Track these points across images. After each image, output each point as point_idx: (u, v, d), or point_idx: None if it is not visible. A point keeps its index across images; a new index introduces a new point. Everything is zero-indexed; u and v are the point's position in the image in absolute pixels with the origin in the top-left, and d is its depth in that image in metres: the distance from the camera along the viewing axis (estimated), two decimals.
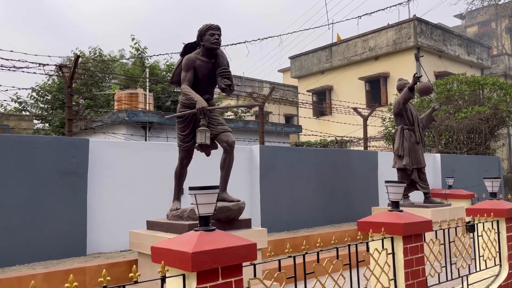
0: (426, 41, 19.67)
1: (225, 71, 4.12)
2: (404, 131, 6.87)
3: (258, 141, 6.82)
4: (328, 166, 7.60)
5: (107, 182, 5.06)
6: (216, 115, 4.29)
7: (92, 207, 4.93)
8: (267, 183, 6.60)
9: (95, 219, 4.93)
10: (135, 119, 9.63)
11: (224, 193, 4.24)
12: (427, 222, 3.90)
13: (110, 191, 5.09)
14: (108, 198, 5.08)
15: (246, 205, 6.59)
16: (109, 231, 5.00)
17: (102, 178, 5.03)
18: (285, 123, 15.31)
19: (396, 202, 3.99)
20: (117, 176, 5.18)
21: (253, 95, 6.89)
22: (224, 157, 4.21)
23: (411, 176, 6.87)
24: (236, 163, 6.60)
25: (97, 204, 4.97)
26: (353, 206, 7.86)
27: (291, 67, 25.12)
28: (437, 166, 10.03)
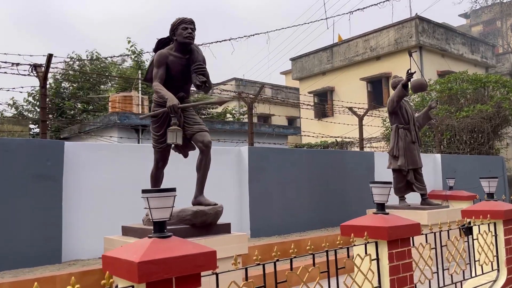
0: (428, 40, 19.38)
1: (200, 67, 3.90)
2: (399, 130, 6.61)
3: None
4: (322, 167, 7.36)
5: (83, 186, 4.86)
6: (192, 114, 4.07)
7: (68, 212, 4.73)
8: (256, 186, 6.37)
9: (71, 225, 4.73)
10: (127, 122, 9.45)
11: (201, 197, 4.02)
12: (414, 226, 3.65)
13: (87, 195, 4.88)
14: (85, 202, 4.87)
15: (235, 209, 6.40)
16: (86, 237, 4.79)
17: (78, 182, 4.83)
18: (287, 125, 15.06)
19: (381, 204, 3.74)
20: (95, 180, 4.98)
21: (242, 94, 6.67)
22: (200, 158, 3.99)
23: (407, 177, 6.60)
24: (224, 165, 6.40)
25: (73, 209, 4.76)
26: (348, 208, 7.59)
27: (292, 68, 24.89)
28: (438, 166, 9.74)
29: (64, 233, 4.66)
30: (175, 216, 3.81)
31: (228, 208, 6.28)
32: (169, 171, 4.78)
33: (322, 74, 23.18)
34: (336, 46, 22.44)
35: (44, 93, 4.64)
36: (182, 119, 4.01)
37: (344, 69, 22.03)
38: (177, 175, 5.13)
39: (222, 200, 6.27)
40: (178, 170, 4.89)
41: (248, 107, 6.53)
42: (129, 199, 5.13)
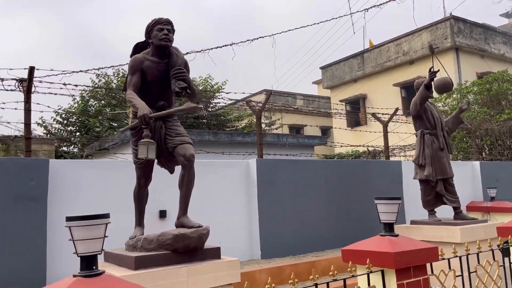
0: (465, 41, 18.29)
1: (179, 71, 3.48)
2: (425, 136, 5.92)
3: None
4: (342, 179, 6.74)
5: (70, 207, 4.52)
6: (175, 124, 3.65)
7: (53, 235, 4.40)
8: (266, 201, 5.85)
9: (56, 248, 4.39)
10: None
11: (184, 218, 3.56)
12: (431, 250, 3.02)
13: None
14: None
15: (244, 227, 5.89)
16: (72, 261, 4.43)
17: (64, 202, 4.51)
18: (313, 135, 14.46)
19: (389, 224, 3.15)
20: (83, 200, 4.64)
21: (250, 103, 6.22)
22: (182, 173, 3.54)
23: (435, 188, 5.88)
24: (232, 180, 5.94)
25: (58, 231, 4.43)
26: (373, 224, 6.90)
27: (323, 77, 24.28)
28: (477, 175, 8.85)
29: (48, 257, 4.33)
30: (154, 241, 3.37)
31: (237, 227, 5.81)
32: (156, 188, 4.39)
33: (354, 82, 22.42)
34: (367, 52, 21.66)
35: (28, 109, 4.38)
36: (163, 130, 3.60)
37: (376, 75, 21.18)
38: (165, 192, 4.72)
39: (230, 218, 5.82)
40: (167, 187, 4.47)
41: (256, 116, 6.06)
42: (121, 218, 4.75)
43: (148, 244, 3.39)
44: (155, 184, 5.19)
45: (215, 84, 14.94)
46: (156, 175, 5.21)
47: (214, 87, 14.74)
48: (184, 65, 3.59)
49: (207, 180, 5.62)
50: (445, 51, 18.21)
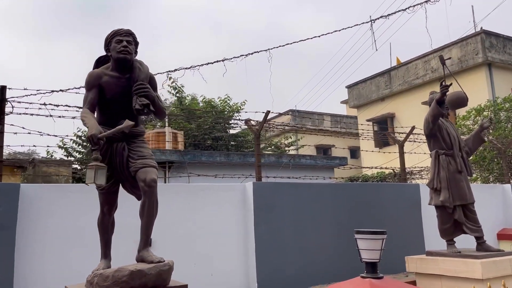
0: (498, 56, 17.37)
1: (141, 87, 3.15)
2: (440, 157, 5.34)
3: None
4: (352, 204, 6.19)
5: (41, 236, 4.22)
6: (140, 145, 3.31)
7: (21, 266, 4.09)
8: (264, 229, 5.38)
9: (24, 282, 4.08)
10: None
11: (144, 251, 3.16)
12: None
13: (45, 246, 4.23)
14: (42, 255, 4.22)
15: (239, 258, 5.38)
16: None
17: (35, 230, 4.21)
18: (333, 156, 13.88)
19: (371, 264, 2.64)
20: (55, 228, 4.33)
21: (249, 122, 5.85)
22: (143, 200, 3.17)
23: (453, 215, 5.25)
24: (226, 206, 5.50)
25: (27, 263, 4.13)
26: (388, 254, 6.26)
27: (349, 96, 23.69)
28: (509, 199, 8.04)
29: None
30: (110, 277, 2.99)
31: (232, 257, 5.34)
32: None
33: (381, 100, 21.71)
34: (394, 70, 20.98)
35: (1, 130, 4.17)
36: (126, 152, 3.26)
37: (404, 93, 20.42)
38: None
39: (224, 247, 5.32)
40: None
41: (254, 136, 5.66)
42: (96, 248, 4.40)
43: (103, 281, 3.01)
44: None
45: (233, 105, 14.69)
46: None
47: (232, 107, 14.49)
48: (147, 79, 3.26)
49: (198, 206, 5.23)
50: (477, 67, 17.34)
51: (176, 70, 4.90)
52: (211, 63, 5.05)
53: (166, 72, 4.78)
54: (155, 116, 3.43)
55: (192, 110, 12.97)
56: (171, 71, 4.89)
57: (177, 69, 4.89)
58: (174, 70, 4.90)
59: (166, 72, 4.78)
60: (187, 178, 9.41)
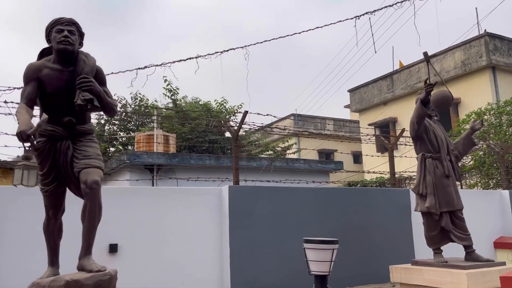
0: (502, 59, 16.98)
1: (84, 81, 2.91)
2: (426, 161, 5.05)
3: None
4: (337, 210, 5.91)
5: (7, 239, 4.01)
6: (86, 144, 3.06)
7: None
8: (240, 235, 5.12)
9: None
10: (138, 161, 8.75)
11: (85, 259, 2.90)
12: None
13: (11, 250, 4.01)
14: (9, 259, 4.00)
15: (214, 266, 5.09)
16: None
17: (1, 234, 4.00)
18: (327, 160, 13.58)
19: (321, 277, 2.37)
20: (12, 232, 4.11)
21: (228, 123, 5.60)
22: (84, 204, 2.92)
23: (440, 222, 4.95)
24: (202, 210, 5.23)
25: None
26: (374, 262, 5.99)
27: (351, 100, 23.36)
28: (506, 206, 7.70)
29: None
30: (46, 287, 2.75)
31: (205, 265, 5.08)
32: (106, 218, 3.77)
33: (383, 104, 21.35)
34: (396, 74, 20.63)
35: None
36: (70, 152, 3.02)
37: (406, 97, 20.03)
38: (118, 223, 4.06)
39: (197, 254, 5.04)
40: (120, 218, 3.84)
41: (232, 138, 5.41)
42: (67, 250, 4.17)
43: None
44: (106, 213, 4.61)
45: (229, 108, 14.47)
46: (108, 203, 4.64)
47: (228, 110, 14.27)
48: (93, 73, 3.03)
49: (170, 210, 4.99)
50: (481, 70, 16.96)
51: (145, 67, 4.68)
52: (183, 60, 4.81)
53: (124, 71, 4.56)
54: (104, 113, 3.20)
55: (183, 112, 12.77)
56: (140, 68, 4.67)
57: (147, 66, 4.67)
58: (144, 67, 4.68)
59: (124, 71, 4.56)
60: (176, 181, 9.19)
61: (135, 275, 4.59)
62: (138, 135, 11.18)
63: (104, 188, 4.85)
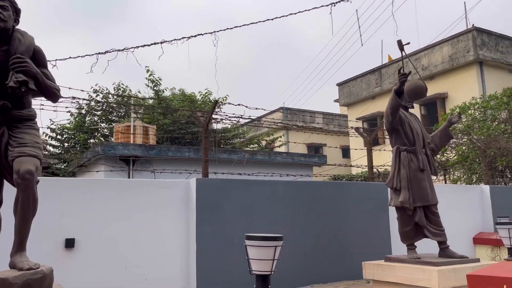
0: (490, 54, 16.89)
1: (18, 61, 2.67)
2: (401, 154, 4.87)
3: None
4: (311, 204, 5.73)
5: None
6: (25, 131, 2.81)
7: None
8: (208, 230, 4.91)
9: None
10: (112, 153, 8.50)
11: (17, 256, 2.67)
12: None
13: None
14: None
15: (180, 264, 4.86)
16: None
17: None
18: (311, 154, 13.40)
19: (263, 277, 2.18)
20: None
21: (197, 113, 5.38)
22: (16, 195, 2.68)
23: (414, 217, 4.79)
24: (167, 204, 4.99)
25: None
26: (349, 258, 5.83)
27: (339, 94, 23.23)
28: (486, 201, 7.58)
29: None
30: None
31: (170, 261, 4.86)
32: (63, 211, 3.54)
33: (371, 99, 21.24)
34: (385, 68, 20.51)
35: None
36: (5, 139, 2.78)
37: None
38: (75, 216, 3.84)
39: (162, 250, 4.73)
40: (79, 211, 3.63)
41: (203, 129, 5.19)
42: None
43: None
44: (62, 206, 4.39)
45: (214, 99, 14.20)
46: (65, 196, 4.41)
47: (213, 102, 14.01)
48: (30, 53, 2.79)
49: (134, 204, 4.77)
50: (468, 65, 16.87)
51: (107, 52, 4.43)
52: (147, 45, 4.55)
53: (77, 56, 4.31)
54: (45, 98, 2.96)
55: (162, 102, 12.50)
56: (101, 53, 4.41)
57: (108, 51, 4.41)
58: (104, 52, 4.43)
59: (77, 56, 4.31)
60: (153, 173, 8.95)
61: (93, 272, 4.37)
62: (116, 126, 10.90)
63: (60, 179, 4.62)
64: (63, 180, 4.49)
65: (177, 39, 4.58)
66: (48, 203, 4.11)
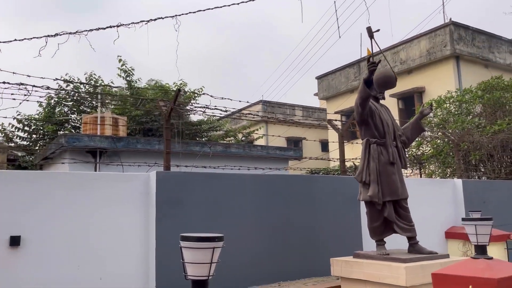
0: (466, 49, 16.97)
1: None
2: (371, 147, 4.69)
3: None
4: (280, 199, 5.51)
5: None
6: None
7: None
8: (168, 226, 4.65)
9: None
10: (78, 145, 8.13)
11: None
12: None
13: None
14: None
15: (138, 260, 4.54)
16: None
17: None
18: (287, 147, 13.23)
19: (199, 283, 1.95)
20: None
21: (159, 103, 5.11)
22: None
23: (383, 212, 4.63)
24: (125, 198, 4.67)
25: None
26: (319, 254, 5.65)
27: (318, 87, 23.12)
28: (459, 195, 7.52)
29: None
30: None
31: (128, 259, 4.56)
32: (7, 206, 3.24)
33: (350, 92, 21.19)
34: (364, 61, 20.42)
35: None
36: None
37: None
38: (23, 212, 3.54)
39: (119, 247, 4.32)
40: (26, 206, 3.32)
41: (164, 120, 4.91)
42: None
43: None
44: (5, 201, 4.07)
45: (189, 91, 13.88)
46: (9, 190, 4.09)
47: (186, 94, 13.68)
48: None
49: (88, 198, 4.46)
50: (445, 60, 16.93)
51: (57, 35, 4.10)
52: (102, 28, 4.23)
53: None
54: None
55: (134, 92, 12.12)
56: (51, 35, 4.07)
57: (58, 34, 4.08)
58: (55, 34, 4.10)
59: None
60: (121, 167, 8.62)
61: (42, 271, 4.07)
62: (85, 117, 10.50)
63: (2, 172, 4.28)
64: (5, 173, 4.16)
65: (135, 23, 4.27)
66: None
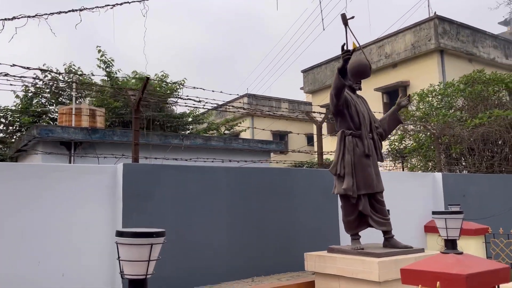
0: (450, 43, 16.98)
1: None
2: (346, 139, 4.56)
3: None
4: (255, 192, 5.37)
5: None
6: None
7: None
8: (136, 221, 4.47)
9: None
10: (51, 136, 7.86)
11: None
12: None
13: None
14: None
15: (104, 256, 4.36)
16: None
17: None
18: (270, 140, 13.09)
19: (136, 282, 1.79)
20: None
21: (128, 92, 4.91)
22: None
23: (357, 206, 4.51)
24: (90, 192, 4.47)
25: None
26: (295, 248, 5.53)
27: (304, 81, 23.00)
28: (438, 189, 7.46)
29: None
30: None
31: (93, 255, 4.37)
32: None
33: None
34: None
35: None
36: None
37: None
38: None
39: (83, 242, 4.11)
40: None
41: (134, 111, 4.71)
42: None
43: None
44: None
45: (170, 83, 13.63)
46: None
47: (168, 85, 13.43)
48: None
49: (49, 192, 4.25)
50: (429, 53, 16.93)
51: (14, 18, 3.85)
52: (64, 12, 4.00)
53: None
54: None
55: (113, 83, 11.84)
56: (8, 19, 3.83)
57: (15, 17, 3.84)
58: (12, 18, 3.85)
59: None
60: (96, 159, 8.39)
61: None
62: (61, 108, 10.20)
63: None
64: None
65: (100, 7, 4.06)
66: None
